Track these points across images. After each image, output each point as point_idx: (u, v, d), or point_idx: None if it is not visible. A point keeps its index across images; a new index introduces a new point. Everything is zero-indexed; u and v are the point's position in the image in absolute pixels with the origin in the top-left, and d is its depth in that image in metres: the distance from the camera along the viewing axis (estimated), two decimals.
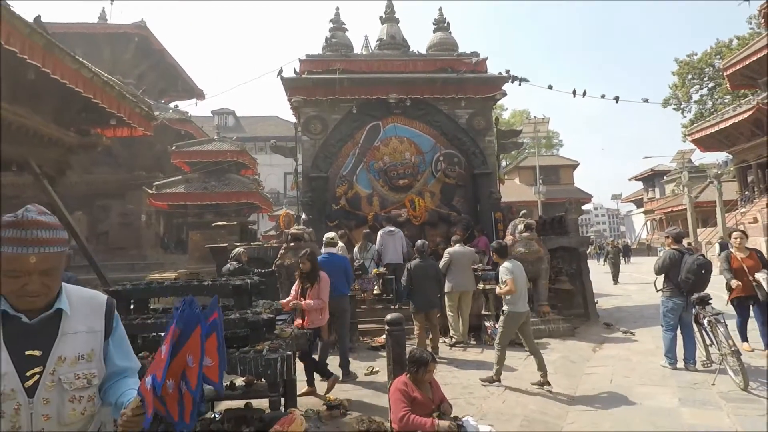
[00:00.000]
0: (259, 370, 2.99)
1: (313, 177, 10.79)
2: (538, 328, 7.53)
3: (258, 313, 3.25)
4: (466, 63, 11.47)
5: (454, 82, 11.15)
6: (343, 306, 5.68)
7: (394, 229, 8.95)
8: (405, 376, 3.34)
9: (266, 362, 2.98)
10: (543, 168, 32.92)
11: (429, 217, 10.74)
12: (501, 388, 4.95)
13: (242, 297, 3.41)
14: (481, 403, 4.48)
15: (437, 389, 3.44)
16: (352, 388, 5.23)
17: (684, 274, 5.31)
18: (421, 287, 6.38)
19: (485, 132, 11.35)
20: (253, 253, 8.55)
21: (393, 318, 3.68)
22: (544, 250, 8.07)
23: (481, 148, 11.19)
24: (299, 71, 11.31)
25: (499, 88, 11.30)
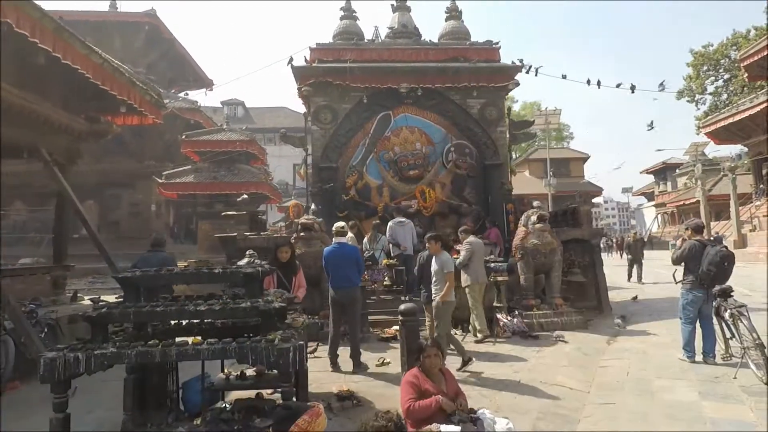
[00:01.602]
0: (270, 360, 2.93)
1: (323, 167, 10.70)
2: (551, 320, 7.45)
3: (270, 302, 3.18)
4: (478, 52, 11.26)
5: (466, 72, 10.96)
6: (354, 297, 5.61)
7: (404, 219, 8.86)
8: (416, 369, 3.27)
9: (278, 352, 2.91)
10: (553, 161, 32.49)
11: (439, 208, 10.63)
12: (516, 379, 4.86)
13: (253, 285, 3.34)
14: (494, 395, 4.40)
15: (451, 381, 3.36)
16: (363, 380, 5.16)
17: (706, 266, 5.15)
18: (429, 279, 6.29)
19: (497, 122, 11.17)
20: (263, 243, 8.48)
21: (406, 308, 3.60)
22: (557, 242, 7.93)
23: (493, 139, 11.02)
24: (309, 60, 11.18)
25: (512, 77, 11.09)
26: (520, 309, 7.68)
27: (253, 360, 2.97)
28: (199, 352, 2.96)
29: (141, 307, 3.15)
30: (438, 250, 5.48)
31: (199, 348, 2.96)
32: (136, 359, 2.96)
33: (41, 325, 5.85)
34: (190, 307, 3.13)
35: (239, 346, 2.96)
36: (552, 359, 5.67)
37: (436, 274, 5.44)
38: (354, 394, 4.39)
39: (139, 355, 2.95)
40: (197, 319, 3.25)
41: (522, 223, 8.13)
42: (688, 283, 5.42)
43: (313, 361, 5.39)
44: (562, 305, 7.77)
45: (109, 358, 2.95)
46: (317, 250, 7.37)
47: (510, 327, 7.18)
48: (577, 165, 41.86)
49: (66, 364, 2.92)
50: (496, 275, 7.54)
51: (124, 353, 2.94)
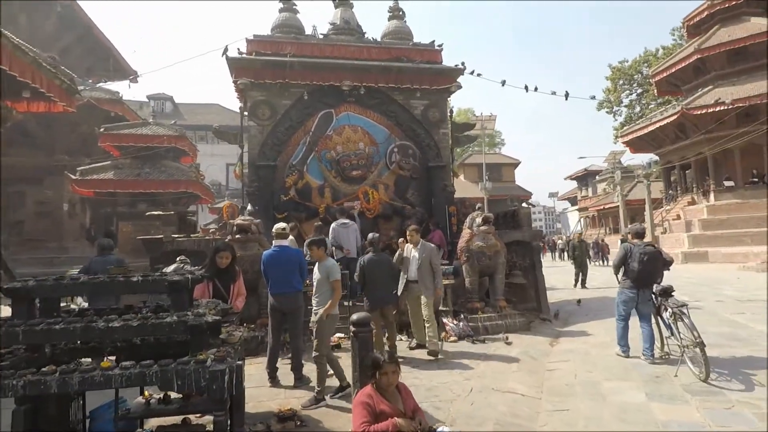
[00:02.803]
0: (201, 385, 2.47)
1: (260, 165, 10.07)
2: (495, 323, 7.44)
3: (201, 315, 2.71)
4: (421, 53, 11.19)
5: (409, 72, 10.83)
6: (297, 303, 5.18)
7: (348, 221, 8.52)
8: (370, 387, 2.94)
9: (211, 375, 2.46)
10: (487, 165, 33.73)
11: (383, 209, 10.38)
12: (468, 388, 4.69)
13: (181, 295, 2.84)
14: (448, 406, 4.18)
15: (408, 397, 3.07)
16: (306, 395, 4.74)
17: (631, 265, 5.47)
18: (374, 283, 5.99)
19: (440, 124, 11.15)
20: (193, 245, 7.77)
21: (359, 318, 3.27)
22: (501, 244, 7.98)
23: (436, 141, 10.98)
24: (246, 52, 10.50)
25: (455, 80, 11.13)
26: (466, 312, 7.62)
27: (179, 385, 2.49)
28: (111, 379, 2.44)
29: (33, 326, 2.54)
30: (322, 256, 4.97)
31: (110, 374, 2.44)
32: (25, 391, 2.37)
33: None
34: (99, 324, 2.58)
35: (162, 370, 2.48)
36: (501, 364, 5.60)
37: (319, 284, 4.88)
38: (297, 414, 3.97)
39: (29, 386, 2.37)
40: (109, 338, 2.70)
41: (467, 226, 8.10)
42: (623, 283, 5.69)
43: (249, 375, 4.90)
44: (506, 307, 7.81)
45: None
46: (254, 253, 6.83)
47: (456, 331, 7.08)
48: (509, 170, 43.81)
49: None
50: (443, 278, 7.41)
51: (8, 385, 2.34)
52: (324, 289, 4.84)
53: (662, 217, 24.87)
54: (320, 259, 4.97)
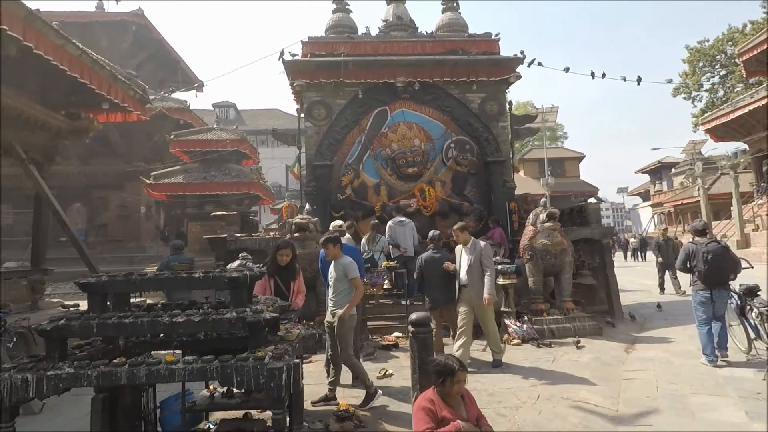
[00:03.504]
0: (260, 382, 2.45)
1: (317, 165, 10.22)
2: (562, 326, 7.00)
3: (259, 311, 2.70)
4: (477, 44, 10.84)
5: (465, 65, 10.54)
6: None
7: (404, 219, 8.40)
8: (432, 391, 2.78)
9: (269, 372, 2.43)
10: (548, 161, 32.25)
11: (440, 207, 10.17)
12: (535, 395, 4.40)
13: (240, 292, 2.86)
14: (513, 414, 3.93)
15: (472, 404, 2.88)
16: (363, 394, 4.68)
17: (696, 265, 5.22)
18: (434, 281, 5.83)
19: (498, 117, 10.75)
20: (255, 244, 8.00)
21: (418, 317, 3.12)
22: (567, 242, 7.50)
23: (494, 135, 10.59)
24: (302, 54, 10.71)
25: (513, 70, 10.67)
26: (529, 314, 7.24)
27: (239, 382, 2.49)
28: (174, 373, 2.48)
29: (106, 319, 2.65)
30: (338, 254, 4.66)
31: (174, 368, 2.48)
32: (98, 381, 2.47)
33: (9, 334, 5.32)
34: (164, 319, 2.64)
35: (222, 365, 2.48)
36: (570, 370, 5.22)
37: (336, 283, 4.58)
38: (355, 414, 3.91)
39: (102, 376, 2.46)
40: (173, 332, 2.77)
41: (530, 222, 7.69)
42: (695, 284, 5.36)
43: (308, 372, 4.92)
44: (573, 309, 7.33)
45: (65, 380, 2.46)
46: (313, 251, 6.88)
47: (520, 333, 6.74)
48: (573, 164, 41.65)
49: (12, 388, 2.42)
50: (503, 278, 7.10)
51: (84, 374, 2.45)
52: (341, 288, 4.56)
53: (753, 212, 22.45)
54: (336, 257, 4.67)
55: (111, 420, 3.19)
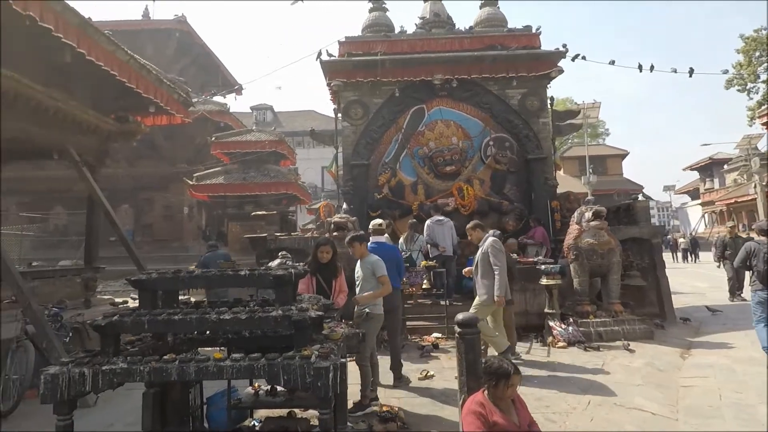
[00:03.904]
0: (306, 381, 2.41)
1: (354, 164, 10.23)
2: (610, 329, 6.68)
3: (304, 309, 2.67)
4: (517, 39, 10.55)
5: (504, 60, 10.27)
6: (395, 302, 5.06)
7: (443, 218, 8.27)
8: (482, 394, 2.67)
9: (315, 372, 2.39)
10: (590, 158, 31.11)
11: (478, 206, 9.94)
12: (585, 400, 4.19)
13: (285, 290, 2.84)
14: (563, 420, 3.75)
15: (523, 409, 2.75)
16: (406, 395, 4.62)
17: (756, 264, 5.17)
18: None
19: (539, 113, 10.42)
20: (294, 243, 8.08)
21: (465, 318, 3.01)
22: (615, 241, 7.15)
23: (535, 131, 10.28)
24: (339, 54, 10.76)
25: (555, 64, 10.31)
26: (574, 316, 6.95)
27: (285, 381, 2.46)
28: (222, 370, 2.48)
29: (156, 316, 2.69)
30: (364, 253, 4.63)
31: (222, 365, 2.48)
32: (150, 377, 2.51)
33: (66, 329, 5.57)
34: (212, 316, 2.65)
35: (269, 363, 2.46)
36: (622, 375, 4.96)
37: (364, 282, 4.56)
38: (398, 415, 3.83)
39: (153, 372, 2.49)
40: (220, 329, 2.78)
41: (575, 221, 7.39)
42: (754, 284, 5.28)
43: (349, 372, 4.88)
44: (622, 312, 6.98)
45: (118, 375, 2.50)
46: None
47: (565, 336, 6.48)
48: (615, 162, 40.06)
49: (70, 382, 2.49)
50: (547, 278, 6.86)
51: (136, 370, 2.49)
52: (369, 288, 4.52)
53: None
54: (362, 256, 4.65)
55: (161, 415, 3.26)
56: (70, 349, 5.24)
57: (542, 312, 7.10)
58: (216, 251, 8.72)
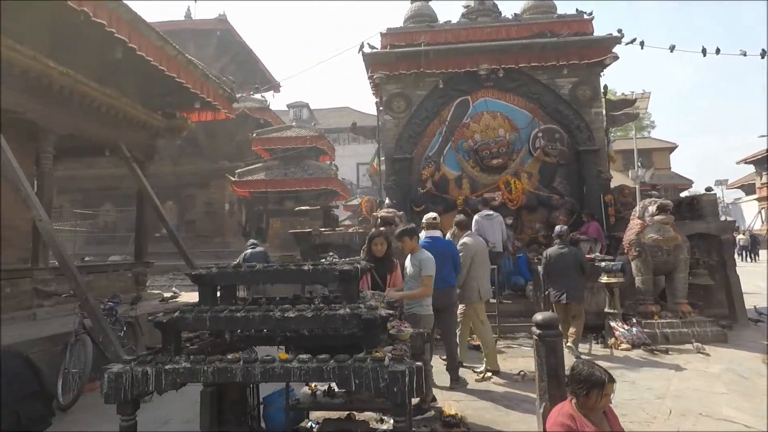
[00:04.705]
0: (380, 386, 2.22)
1: (397, 159, 10.02)
2: (678, 330, 6.19)
3: (373, 308, 2.47)
4: (568, 25, 10.02)
5: (554, 48, 9.78)
6: (451, 300, 4.82)
7: (492, 212, 7.93)
8: (570, 404, 2.39)
9: (391, 376, 2.19)
10: (631, 151, 29.66)
11: (527, 200, 9.53)
12: (665, 409, 3.82)
13: (350, 286, 2.66)
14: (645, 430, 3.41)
15: (615, 421, 2.46)
16: (465, 398, 4.37)
17: None
18: (560, 276, 5.68)
19: (591, 103, 9.88)
20: (338, 239, 7.96)
21: (545, 318, 2.74)
22: (682, 237, 6.64)
23: (587, 122, 9.75)
24: (381, 46, 10.55)
25: (609, 50, 9.72)
26: (637, 316, 6.49)
27: (357, 384, 2.27)
28: (289, 372, 2.32)
29: (218, 312, 2.56)
30: (415, 248, 4.34)
31: (288, 367, 2.32)
32: (214, 378, 2.37)
33: (120, 324, 5.63)
34: (276, 314, 2.50)
35: (339, 366, 2.28)
36: (700, 382, 4.53)
37: (411, 280, 4.25)
38: (463, 420, 3.60)
39: (217, 373, 2.36)
40: (284, 328, 2.63)
41: (636, 215, 6.90)
42: None
43: None
44: (690, 313, 6.47)
45: (182, 375, 2.39)
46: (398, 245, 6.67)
47: (628, 337, 6.05)
48: (662, 155, 38.10)
49: (133, 381, 2.39)
50: (608, 276, 6.43)
51: (200, 370, 2.36)
52: (416, 286, 4.20)
53: None
54: (413, 251, 4.34)
55: (218, 414, 3.16)
56: (124, 344, 5.29)
57: (601, 311, 6.68)
58: (256, 247, 8.63)
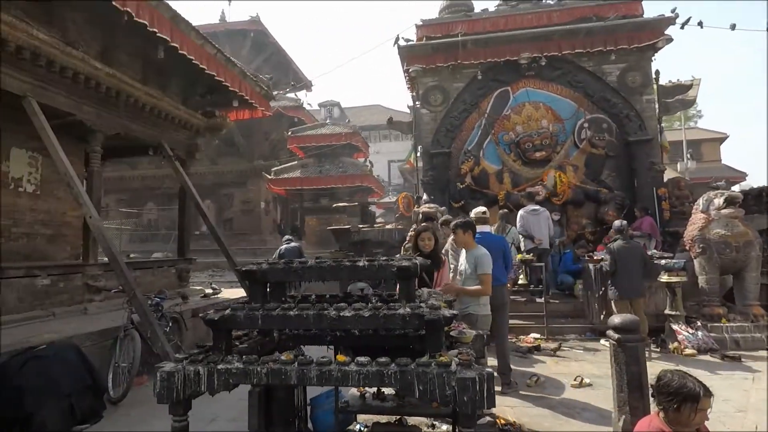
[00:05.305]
0: (446, 393, 2.02)
1: (434, 153, 9.79)
2: (751, 335, 5.70)
3: (436, 307, 2.28)
4: (615, 7, 9.49)
5: (600, 32, 9.29)
6: (503, 299, 4.56)
7: (538, 207, 7.58)
8: (658, 418, 2.12)
9: (460, 384, 1.99)
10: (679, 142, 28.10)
11: (572, 195, 9.10)
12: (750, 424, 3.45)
13: (409, 283, 2.48)
14: None
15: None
16: (519, 404, 4.12)
17: None
18: (626, 272, 5.48)
19: (642, 90, 9.34)
20: (377, 236, 7.80)
21: (625, 321, 2.47)
22: (753, 233, 6.10)
23: (638, 110, 9.22)
24: (416, 38, 10.32)
25: (662, 33, 9.14)
26: (701, 319, 6.02)
27: (421, 392, 2.08)
28: (347, 376, 2.15)
29: (270, 311, 2.43)
30: (470, 243, 4.07)
31: (346, 370, 2.15)
32: (268, 379, 2.24)
33: (166, 319, 5.67)
34: (331, 313, 2.34)
35: (401, 371, 2.09)
36: None
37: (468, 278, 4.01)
38: (522, 429, 3.36)
39: (271, 374, 2.23)
40: (339, 327, 2.47)
41: (700, 209, 6.41)
42: None
43: None
44: (764, 316, 5.94)
45: (234, 375, 2.27)
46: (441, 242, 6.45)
47: (693, 342, 5.60)
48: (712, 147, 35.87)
49: (185, 381, 2.29)
50: (669, 274, 5.99)
51: (253, 371, 2.24)
52: (473, 284, 3.98)
53: None
54: (468, 247, 4.09)
55: (267, 415, 3.05)
56: (170, 339, 5.31)
57: (660, 313, 6.24)
58: (290, 243, 8.65)
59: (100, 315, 5.95)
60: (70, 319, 5.60)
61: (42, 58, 5.33)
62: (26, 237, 6.84)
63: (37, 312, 5.58)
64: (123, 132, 6.95)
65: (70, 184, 5.36)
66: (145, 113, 7.28)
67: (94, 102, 6.37)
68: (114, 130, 6.76)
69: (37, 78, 5.51)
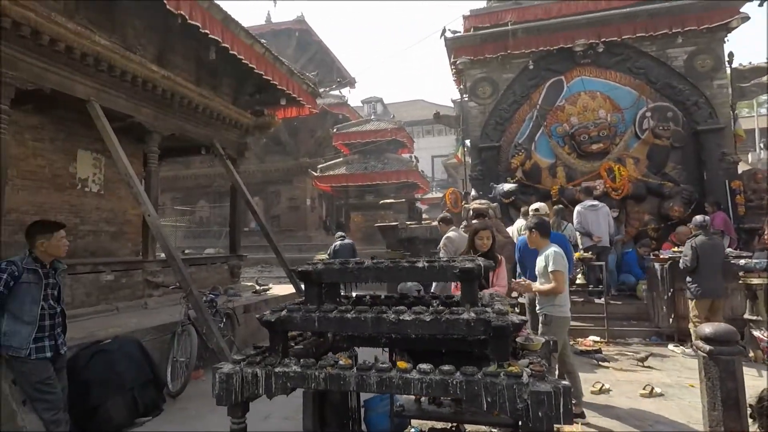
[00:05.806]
0: (517, 407, 1.85)
1: (483, 147, 9.49)
2: None
3: (502, 312, 2.11)
4: None
5: (664, 14, 8.64)
6: None
7: (596, 203, 7.16)
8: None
9: (533, 397, 1.82)
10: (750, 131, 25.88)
11: (633, 189, 8.52)
12: None
13: (472, 286, 2.32)
14: None
15: None
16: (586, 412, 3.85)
17: None
18: (709, 269, 5.19)
19: (713, 74, 8.60)
20: (425, 233, 7.65)
21: (718, 331, 2.19)
22: None
23: (707, 97, 8.50)
24: (464, 30, 10.03)
25: (737, 11, 8.36)
26: None
27: (489, 404, 1.92)
28: (409, 384, 2.04)
29: (327, 313, 2.35)
30: (543, 243, 3.98)
31: (408, 378, 2.04)
32: (326, 384, 2.17)
33: (220, 315, 5.80)
34: (390, 316, 2.23)
35: (467, 380, 1.95)
36: None
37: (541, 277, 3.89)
38: None
39: (330, 379, 2.15)
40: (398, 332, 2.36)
41: None
42: None
43: None
44: None
45: (292, 379, 2.21)
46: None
47: None
48: None
49: (243, 383, 2.26)
50: (749, 275, 5.46)
51: (311, 375, 2.17)
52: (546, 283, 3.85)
53: None
54: (539, 247, 4.01)
55: (321, 416, 3.01)
56: (223, 334, 5.42)
57: (737, 318, 5.69)
58: (344, 240, 8.69)
59: (159, 309, 6.18)
60: (132, 314, 5.84)
61: (104, 63, 5.55)
62: (92, 234, 7.21)
63: (103, 306, 5.87)
64: (178, 132, 7.17)
65: (130, 183, 5.57)
66: (198, 114, 7.48)
67: (151, 104, 6.60)
68: (170, 130, 6.99)
69: (100, 82, 5.75)
